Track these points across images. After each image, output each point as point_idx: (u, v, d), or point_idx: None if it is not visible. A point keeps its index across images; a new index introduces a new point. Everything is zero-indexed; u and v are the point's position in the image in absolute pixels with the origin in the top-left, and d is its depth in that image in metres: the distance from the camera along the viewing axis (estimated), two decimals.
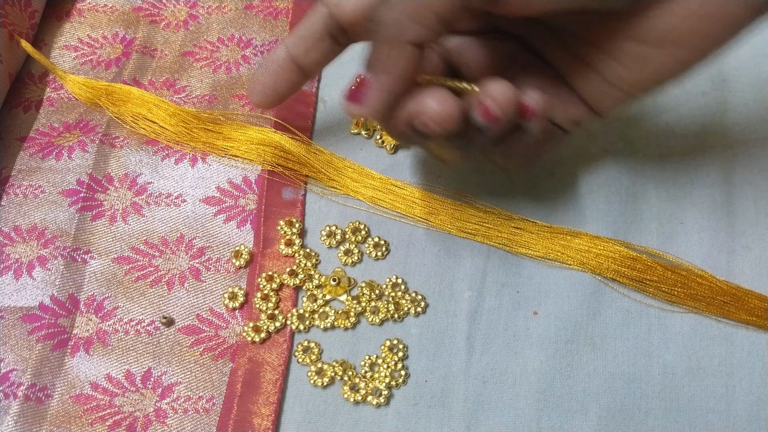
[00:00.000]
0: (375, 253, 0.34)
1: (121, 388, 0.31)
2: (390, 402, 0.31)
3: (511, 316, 0.33)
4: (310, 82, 0.39)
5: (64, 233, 0.34)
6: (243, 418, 0.30)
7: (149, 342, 0.32)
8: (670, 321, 0.32)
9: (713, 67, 0.38)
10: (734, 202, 0.35)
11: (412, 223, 0.35)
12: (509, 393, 0.31)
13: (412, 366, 0.32)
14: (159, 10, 0.42)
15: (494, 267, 0.34)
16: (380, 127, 0.33)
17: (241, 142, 0.36)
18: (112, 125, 0.37)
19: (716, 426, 0.30)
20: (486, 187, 0.36)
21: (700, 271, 0.33)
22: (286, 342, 0.32)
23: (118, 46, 0.41)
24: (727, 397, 0.31)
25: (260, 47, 0.41)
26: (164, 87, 0.39)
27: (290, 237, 0.34)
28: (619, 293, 0.33)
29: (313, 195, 0.36)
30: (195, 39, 0.41)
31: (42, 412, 0.30)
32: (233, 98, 0.39)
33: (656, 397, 0.31)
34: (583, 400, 0.31)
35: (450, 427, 0.30)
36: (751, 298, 0.32)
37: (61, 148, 0.37)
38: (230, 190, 0.36)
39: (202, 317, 0.33)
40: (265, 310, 0.32)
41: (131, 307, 0.33)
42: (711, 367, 0.31)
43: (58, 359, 0.31)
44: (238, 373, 0.31)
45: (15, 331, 0.32)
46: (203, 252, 0.34)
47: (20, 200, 0.35)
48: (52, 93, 0.39)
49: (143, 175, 0.36)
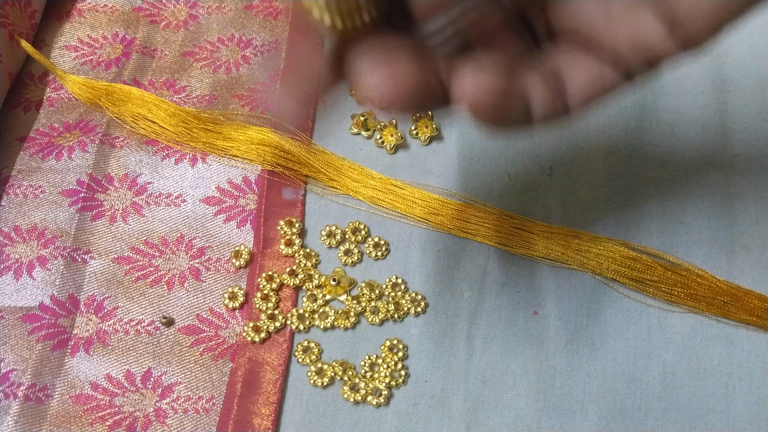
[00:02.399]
0: (375, 253, 0.34)
1: (121, 388, 0.31)
2: (390, 402, 0.31)
3: (511, 316, 0.33)
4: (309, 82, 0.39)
5: (64, 233, 0.34)
6: (243, 418, 0.30)
7: (149, 342, 0.32)
8: (670, 321, 0.32)
9: (713, 67, 0.38)
10: (734, 202, 0.35)
11: (412, 223, 0.35)
12: (509, 393, 0.31)
13: (412, 366, 0.32)
14: (159, 10, 0.42)
15: (494, 267, 0.34)
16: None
17: (241, 142, 0.36)
18: (112, 125, 0.37)
19: (716, 426, 0.30)
20: (486, 187, 0.36)
21: (700, 271, 0.33)
22: (286, 342, 0.32)
23: (118, 46, 0.41)
24: (726, 397, 0.31)
25: (260, 47, 0.41)
26: (164, 87, 0.39)
27: (290, 237, 0.34)
28: (619, 293, 0.33)
29: (313, 195, 0.36)
30: (195, 39, 0.41)
31: (42, 412, 0.30)
32: (233, 98, 0.39)
33: (656, 397, 0.31)
34: (583, 400, 0.31)
35: (450, 427, 0.30)
36: (751, 297, 0.32)
37: (61, 148, 0.37)
38: (230, 190, 0.36)
39: (202, 317, 0.33)
40: (265, 310, 0.32)
41: (131, 307, 0.33)
42: (711, 367, 0.31)
43: (58, 359, 0.31)
44: (238, 373, 0.31)
45: (15, 331, 0.32)
46: (203, 252, 0.34)
47: (20, 200, 0.35)
48: (52, 93, 0.39)
49: (143, 175, 0.36)
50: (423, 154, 0.37)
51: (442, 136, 0.37)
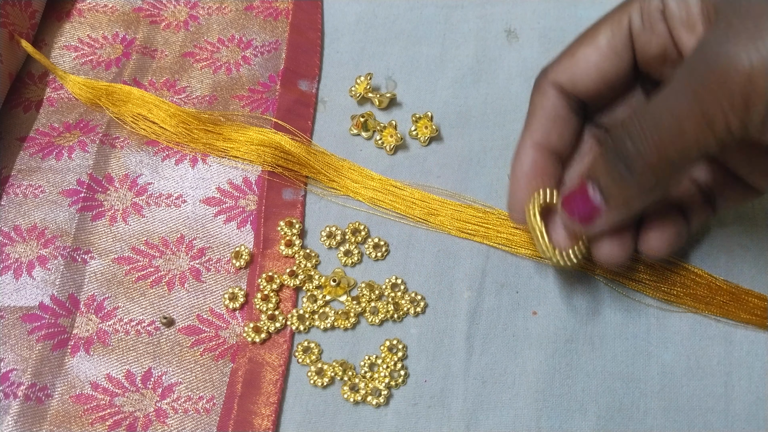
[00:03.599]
0: (375, 254, 0.34)
1: (122, 388, 0.31)
2: (390, 402, 0.31)
3: (511, 316, 0.33)
4: (309, 82, 0.39)
5: (64, 233, 0.34)
6: (243, 418, 0.30)
7: (149, 342, 0.32)
8: (669, 321, 0.32)
9: None
10: None
11: (412, 224, 0.35)
12: (508, 393, 0.31)
13: (412, 366, 0.32)
14: (159, 11, 0.42)
15: (493, 267, 0.34)
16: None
17: (241, 142, 0.36)
18: (113, 125, 0.37)
19: (715, 425, 0.30)
20: (486, 187, 0.36)
21: (698, 270, 0.33)
22: (286, 342, 0.32)
23: (118, 47, 0.41)
24: (726, 397, 0.31)
25: (260, 48, 0.41)
26: (164, 87, 0.39)
27: (290, 238, 0.34)
28: (618, 293, 0.33)
29: (313, 196, 0.36)
30: (195, 39, 0.41)
31: (42, 412, 0.30)
32: (233, 99, 0.39)
33: (655, 396, 0.31)
34: (582, 400, 0.31)
35: (449, 427, 0.30)
36: (750, 297, 0.32)
37: (61, 148, 0.37)
38: (230, 191, 0.36)
39: (202, 318, 0.33)
40: (266, 311, 0.32)
41: (131, 308, 0.33)
42: (710, 366, 0.31)
43: (58, 359, 0.31)
44: (238, 374, 0.31)
45: (15, 330, 0.32)
46: (203, 252, 0.34)
47: (20, 200, 0.35)
48: (52, 93, 0.39)
49: (143, 175, 0.36)
50: (422, 154, 0.37)
51: (441, 137, 0.37)
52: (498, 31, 0.41)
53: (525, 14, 0.41)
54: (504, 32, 0.41)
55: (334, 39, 0.41)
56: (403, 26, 0.41)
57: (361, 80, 0.38)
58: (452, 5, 0.42)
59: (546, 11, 0.41)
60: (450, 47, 0.40)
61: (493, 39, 0.41)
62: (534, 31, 0.41)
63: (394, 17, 0.42)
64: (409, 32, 0.41)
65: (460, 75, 0.39)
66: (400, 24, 0.41)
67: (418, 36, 0.41)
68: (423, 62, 0.40)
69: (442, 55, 0.40)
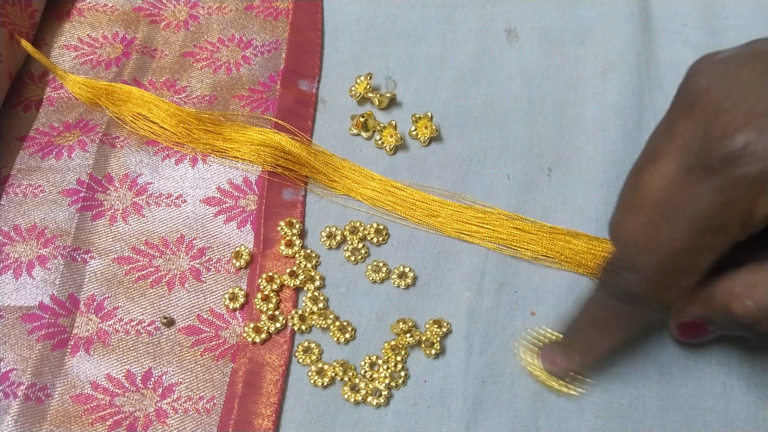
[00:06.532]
0: (376, 239, 0.34)
1: (122, 388, 0.31)
2: (390, 402, 0.31)
3: (510, 316, 0.33)
4: (309, 82, 0.39)
5: (64, 233, 0.34)
6: (244, 418, 0.30)
7: (150, 342, 0.32)
8: None
9: None
10: None
11: (412, 225, 0.35)
12: (508, 393, 0.31)
13: (412, 366, 0.32)
14: (159, 10, 0.42)
15: (493, 267, 0.34)
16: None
17: (241, 142, 0.36)
18: (112, 125, 0.37)
19: (714, 425, 0.30)
20: (485, 187, 0.36)
21: None
22: (286, 342, 0.32)
23: (118, 46, 0.41)
24: (725, 397, 0.31)
25: (260, 48, 0.41)
26: (164, 87, 0.39)
27: (290, 238, 0.34)
28: None
29: (313, 196, 0.36)
30: (195, 39, 0.41)
31: (42, 412, 0.30)
32: (233, 99, 0.39)
33: (653, 396, 0.31)
34: (580, 400, 0.31)
35: (449, 427, 0.30)
36: None
37: (61, 148, 0.37)
38: (230, 191, 0.36)
39: (202, 318, 0.33)
40: (266, 311, 0.32)
41: (131, 307, 0.33)
42: (709, 366, 0.31)
43: (58, 359, 0.31)
44: (238, 374, 0.31)
45: (15, 330, 0.32)
46: (203, 252, 0.34)
47: (20, 199, 0.35)
48: (52, 92, 0.39)
49: (143, 175, 0.36)
50: (422, 155, 0.37)
51: (441, 137, 0.38)
52: (498, 31, 0.41)
53: (525, 14, 0.41)
54: (504, 32, 0.41)
55: (334, 39, 0.41)
56: (403, 26, 0.41)
57: (361, 80, 0.38)
58: (452, 5, 0.42)
59: (546, 11, 0.41)
60: (450, 47, 0.41)
61: (493, 39, 0.41)
62: (534, 31, 0.41)
63: (394, 17, 0.42)
64: (409, 32, 0.41)
65: (460, 75, 0.39)
66: (400, 24, 0.41)
67: (418, 36, 0.41)
68: (423, 62, 0.40)
69: (442, 55, 0.40)
